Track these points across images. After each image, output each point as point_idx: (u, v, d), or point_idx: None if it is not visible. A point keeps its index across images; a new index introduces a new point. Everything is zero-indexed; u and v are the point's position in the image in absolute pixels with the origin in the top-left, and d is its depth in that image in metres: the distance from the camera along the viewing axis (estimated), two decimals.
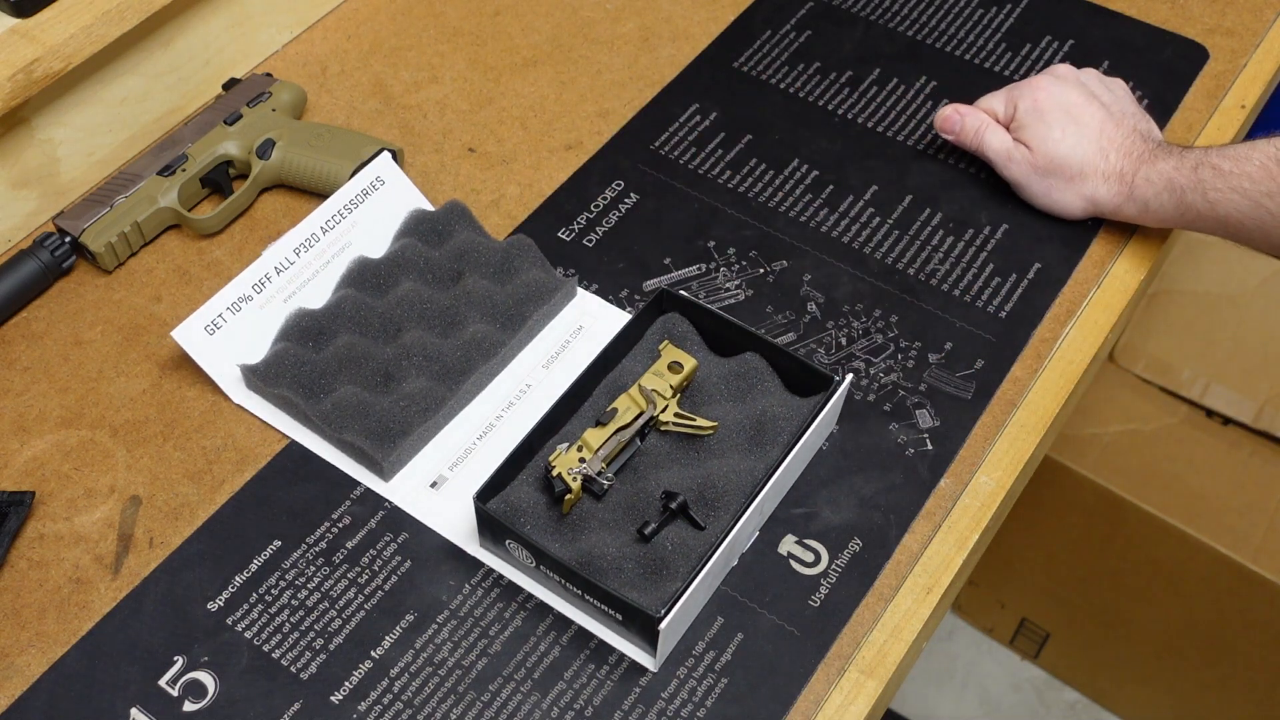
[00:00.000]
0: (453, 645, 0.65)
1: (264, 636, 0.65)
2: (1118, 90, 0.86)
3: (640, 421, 0.70)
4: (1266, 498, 1.32)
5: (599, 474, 0.67)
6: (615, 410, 0.69)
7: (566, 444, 0.69)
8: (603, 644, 0.65)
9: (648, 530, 0.66)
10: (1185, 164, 0.78)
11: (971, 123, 0.86)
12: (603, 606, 0.64)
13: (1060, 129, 0.82)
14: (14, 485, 0.72)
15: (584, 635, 0.65)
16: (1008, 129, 0.85)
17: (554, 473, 0.67)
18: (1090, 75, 0.86)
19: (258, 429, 0.74)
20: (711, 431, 0.71)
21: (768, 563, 0.68)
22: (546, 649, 0.65)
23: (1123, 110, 0.84)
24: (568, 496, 0.67)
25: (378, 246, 0.81)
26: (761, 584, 0.67)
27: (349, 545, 0.69)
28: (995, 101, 0.87)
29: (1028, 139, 0.83)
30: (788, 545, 0.69)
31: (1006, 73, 0.95)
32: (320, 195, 0.86)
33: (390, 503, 0.71)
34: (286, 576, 0.68)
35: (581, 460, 0.67)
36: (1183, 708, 1.51)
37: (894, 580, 0.68)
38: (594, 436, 0.68)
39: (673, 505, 0.67)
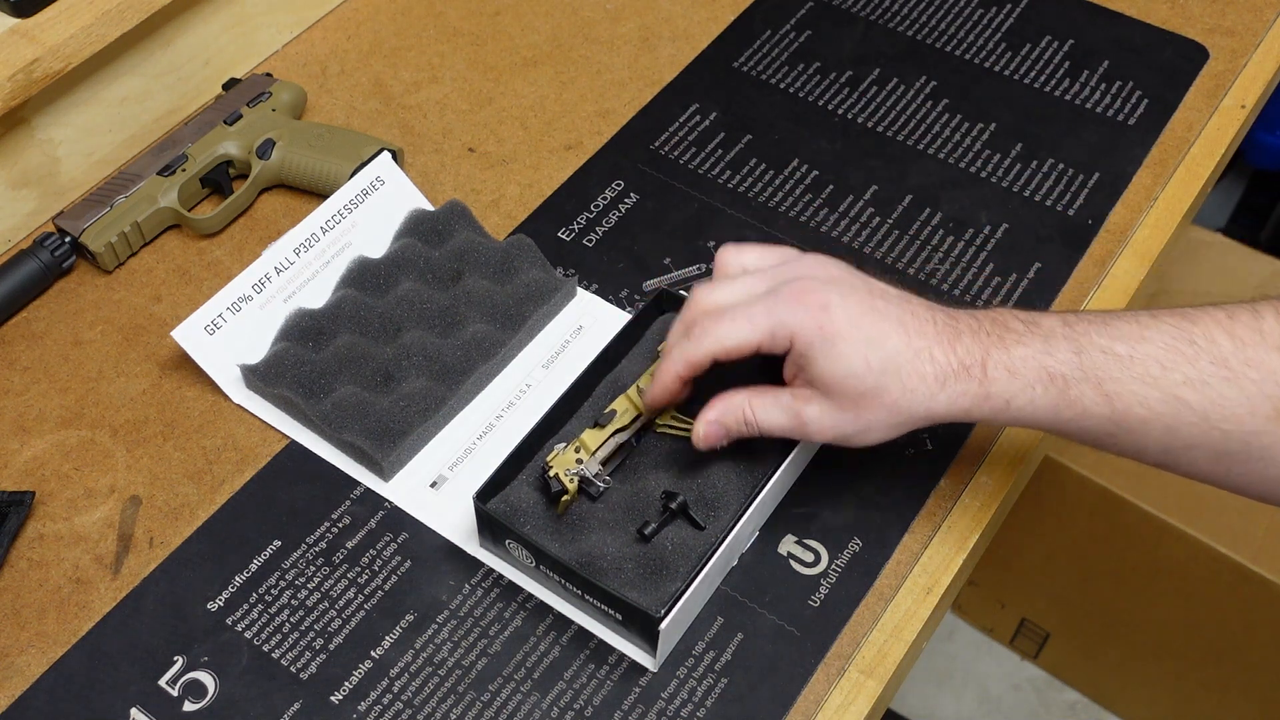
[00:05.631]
0: (453, 645, 0.65)
1: (264, 636, 0.65)
2: (845, 268, 0.64)
3: (638, 424, 0.70)
4: None
5: (596, 475, 0.67)
6: (614, 412, 0.69)
7: (564, 444, 0.69)
8: (603, 644, 0.65)
9: (648, 530, 0.66)
10: (1059, 347, 0.59)
11: (732, 418, 0.64)
12: (603, 606, 0.64)
13: (858, 344, 0.59)
14: (14, 485, 0.72)
15: (584, 635, 0.65)
16: (782, 364, 0.63)
17: (551, 473, 0.67)
18: (820, 261, 0.64)
19: (258, 429, 0.74)
20: None
21: (768, 563, 0.68)
22: (546, 649, 0.65)
23: (887, 289, 0.63)
24: (564, 498, 0.67)
25: (378, 246, 0.81)
26: (761, 584, 0.67)
27: (349, 545, 0.69)
28: (743, 326, 0.61)
29: (816, 377, 0.61)
30: (788, 545, 0.69)
31: (1006, 72, 0.95)
32: (320, 195, 0.86)
33: (390, 503, 0.71)
34: (286, 576, 0.68)
35: (579, 461, 0.67)
36: (1183, 708, 1.51)
37: (894, 580, 0.68)
38: (592, 438, 0.68)
39: (673, 505, 0.67)
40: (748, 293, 0.63)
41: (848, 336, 0.59)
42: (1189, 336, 0.58)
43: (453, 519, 0.70)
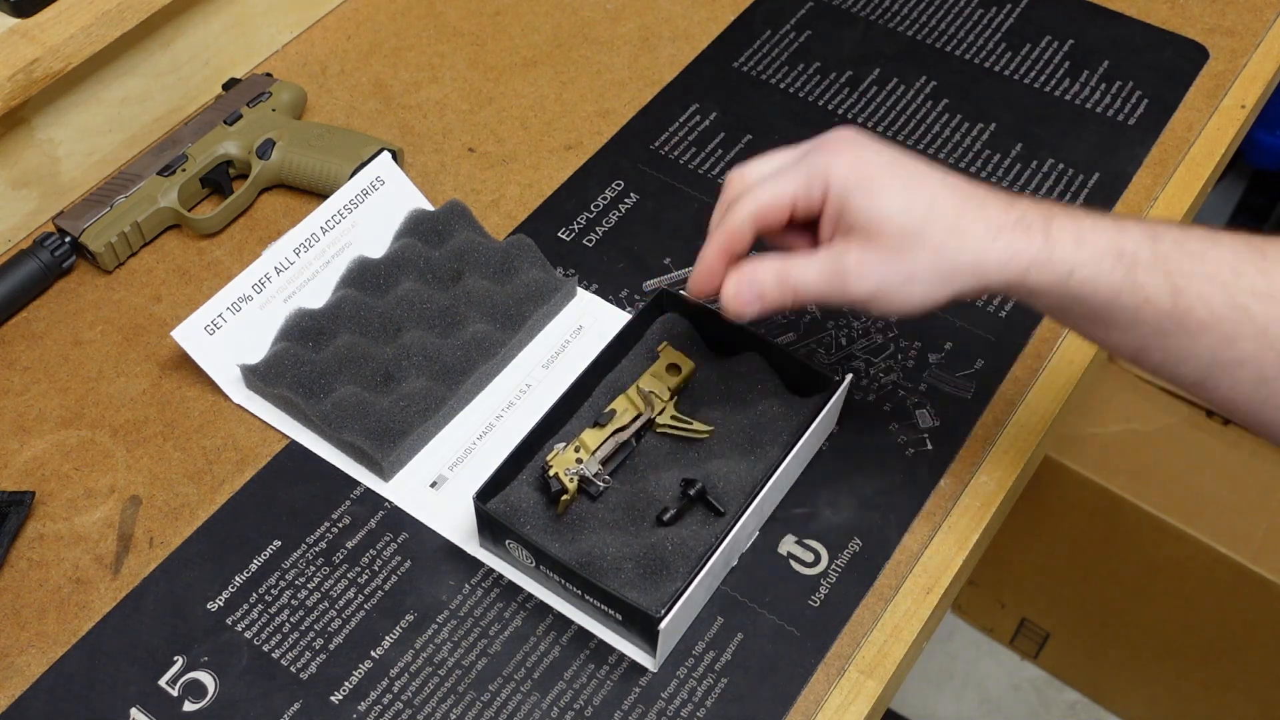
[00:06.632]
0: (453, 645, 0.65)
1: (264, 636, 0.65)
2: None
3: (638, 424, 0.70)
4: (1266, 498, 1.32)
5: (596, 475, 0.67)
6: (614, 412, 0.69)
7: (564, 443, 0.69)
8: (603, 644, 0.65)
9: (666, 516, 0.66)
10: (1131, 229, 0.56)
11: (765, 275, 0.60)
12: (603, 606, 0.64)
13: (897, 184, 0.57)
14: (14, 485, 0.72)
15: (584, 635, 0.65)
16: (815, 223, 0.60)
17: (550, 472, 0.67)
18: (860, 131, 0.61)
19: (258, 429, 0.74)
20: (707, 435, 0.70)
21: (768, 563, 0.68)
22: (546, 649, 0.65)
23: (932, 163, 0.60)
24: (564, 497, 0.67)
25: (378, 246, 0.81)
26: (761, 584, 0.67)
27: (349, 545, 0.69)
28: (777, 182, 0.60)
29: (855, 218, 0.57)
30: (788, 545, 0.69)
31: (1006, 72, 0.95)
32: (320, 195, 0.86)
33: (390, 503, 0.71)
34: (286, 576, 0.68)
35: (578, 460, 0.67)
36: (1183, 708, 1.51)
37: (894, 580, 0.68)
38: (591, 437, 0.68)
39: (691, 492, 0.67)
40: (781, 161, 0.61)
41: (885, 177, 0.57)
42: (1261, 251, 0.55)
43: (453, 519, 0.70)
